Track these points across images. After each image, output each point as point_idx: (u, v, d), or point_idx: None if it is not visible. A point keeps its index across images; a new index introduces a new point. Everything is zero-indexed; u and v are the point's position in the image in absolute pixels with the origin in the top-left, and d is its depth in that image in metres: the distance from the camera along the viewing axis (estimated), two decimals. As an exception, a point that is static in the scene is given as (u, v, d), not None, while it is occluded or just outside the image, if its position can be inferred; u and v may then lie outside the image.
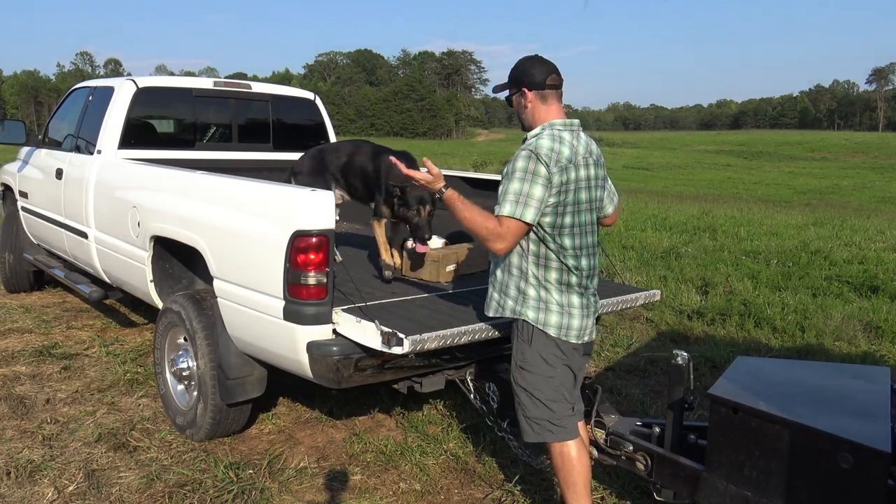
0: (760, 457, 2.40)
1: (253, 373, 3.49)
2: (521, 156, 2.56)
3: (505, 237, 2.53)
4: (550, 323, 2.63)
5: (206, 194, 3.63)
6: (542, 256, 2.63)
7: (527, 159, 2.54)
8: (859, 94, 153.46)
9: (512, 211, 2.51)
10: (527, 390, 2.69)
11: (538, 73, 2.66)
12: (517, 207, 2.51)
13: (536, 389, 2.67)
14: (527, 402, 2.70)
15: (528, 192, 2.51)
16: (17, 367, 4.69)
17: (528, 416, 2.72)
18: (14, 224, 6.29)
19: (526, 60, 2.71)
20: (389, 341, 2.76)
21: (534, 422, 2.70)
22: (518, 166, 2.55)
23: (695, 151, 67.43)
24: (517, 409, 2.76)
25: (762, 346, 5.56)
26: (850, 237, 10.87)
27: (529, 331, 2.66)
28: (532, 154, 2.54)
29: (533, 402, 2.69)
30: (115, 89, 4.89)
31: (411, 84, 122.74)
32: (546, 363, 2.66)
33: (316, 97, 5.91)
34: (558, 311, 2.64)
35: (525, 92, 2.67)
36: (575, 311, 2.66)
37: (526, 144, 2.62)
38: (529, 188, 2.51)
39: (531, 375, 2.68)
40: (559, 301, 2.64)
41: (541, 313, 2.64)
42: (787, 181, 36.42)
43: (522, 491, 3.28)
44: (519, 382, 2.71)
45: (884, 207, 22.26)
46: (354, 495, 3.25)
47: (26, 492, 3.18)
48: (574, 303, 2.66)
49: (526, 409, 2.71)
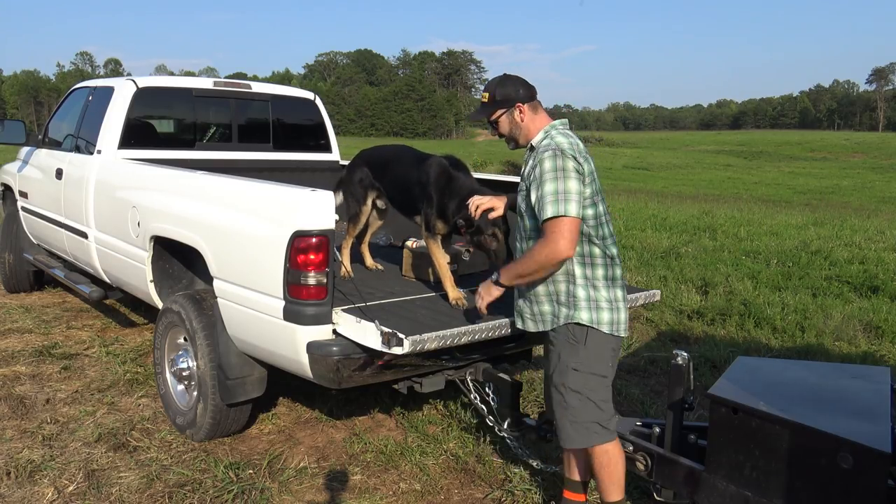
0: (760, 457, 2.40)
1: (253, 373, 3.49)
2: (546, 156, 2.56)
3: (559, 238, 2.50)
4: (603, 320, 2.63)
5: (206, 194, 3.62)
6: (586, 255, 2.64)
7: (553, 158, 2.54)
8: (859, 94, 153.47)
9: (555, 211, 2.50)
10: (580, 392, 2.64)
11: (524, 88, 2.74)
12: (559, 206, 2.50)
13: (590, 390, 2.65)
14: (577, 405, 2.65)
15: (564, 188, 2.51)
16: (17, 367, 4.69)
17: (576, 420, 2.66)
18: (14, 224, 6.29)
19: (507, 80, 2.77)
20: (389, 341, 2.76)
21: (581, 426, 2.66)
22: (546, 167, 2.54)
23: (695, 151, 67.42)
24: (561, 416, 2.70)
25: (762, 346, 5.56)
26: (850, 237, 10.86)
27: (583, 332, 2.63)
28: (556, 152, 2.55)
29: (584, 405, 2.65)
30: (115, 89, 4.89)
31: (411, 84, 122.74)
32: (601, 362, 2.65)
33: (316, 97, 5.91)
34: (608, 308, 2.65)
35: (519, 107, 2.72)
36: (621, 305, 2.69)
37: (544, 146, 2.63)
38: (564, 184, 2.52)
39: (584, 376, 2.64)
40: (607, 297, 2.65)
41: (593, 312, 2.63)
42: (787, 181, 36.42)
43: (522, 491, 3.28)
44: (570, 386, 2.65)
45: (884, 207, 22.26)
46: (354, 495, 3.25)
47: (26, 492, 3.18)
48: (619, 297, 2.69)
49: (575, 413, 2.66)
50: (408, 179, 3.63)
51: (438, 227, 3.46)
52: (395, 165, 3.79)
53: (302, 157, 5.77)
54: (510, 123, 2.75)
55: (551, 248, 2.52)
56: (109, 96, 4.88)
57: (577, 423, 2.67)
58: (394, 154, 3.90)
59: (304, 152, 5.80)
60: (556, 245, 2.50)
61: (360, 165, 3.92)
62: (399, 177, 3.73)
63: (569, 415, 2.68)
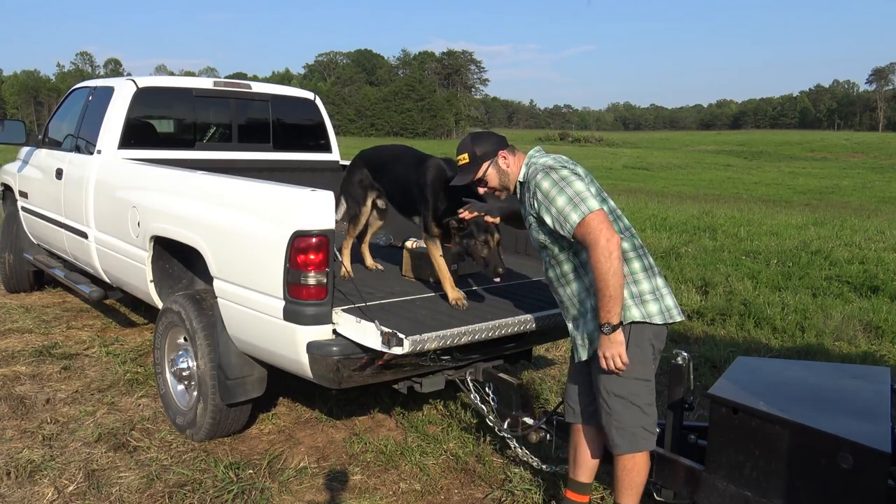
0: (760, 457, 2.40)
1: (253, 373, 3.49)
2: (539, 178, 2.61)
3: (598, 234, 2.47)
4: (653, 312, 2.61)
5: (206, 194, 3.62)
6: None
7: (546, 176, 2.61)
8: (859, 94, 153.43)
9: (579, 214, 2.51)
10: (626, 399, 2.62)
11: (496, 137, 2.84)
12: (579, 208, 2.52)
13: (634, 395, 2.63)
14: (622, 410, 2.63)
15: (573, 192, 2.54)
16: (17, 367, 4.69)
17: (621, 426, 2.64)
18: (14, 224, 6.29)
19: (478, 137, 2.85)
20: (389, 341, 2.76)
21: (628, 431, 2.64)
22: (545, 187, 2.59)
23: (695, 151, 67.40)
24: (606, 423, 2.67)
25: (762, 346, 5.56)
26: (850, 237, 10.87)
27: (626, 332, 2.59)
28: (546, 169, 2.62)
29: (628, 410, 2.63)
30: (115, 89, 4.89)
31: (411, 84, 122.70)
32: (644, 365, 2.63)
33: (316, 97, 5.91)
34: (653, 299, 2.63)
35: (502, 153, 2.78)
36: (664, 292, 2.67)
37: (530, 176, 2.68)
38: (572, 189, 2.55)
39: (627, 381, 2.62)
40: (650, 289, 2.63)
41: (641, 308, 2.61)
42: (787, 181, 36.39)
43: (522, 491, 3.28)
44: (615, 392, 2.62)
45: (884, 207, 22.24)
46: (354, 495, 3.25)
47: (26, 492, 3.18)
48: (660, 284, 2.67)
49: (620, 418, 2.63)
50: (406, 180, 3.62)
51: (435, 229, 3.46)
52: (394, 166, 3.78)
53: (302, 157, 5.78)
54: (499, 174, 2.79)
55: (601, 247, 2.47)
56: (109, 96, 4.88)
57: (624, 430, 2.64)
58: (393, 154, 3.88)
59: (304, 152, 5.80)
60: (601, 241, 2.48)
61: (359, 166, 3.92)
62: (398, 177, 3.72)
63: (614, 421, 2.65)
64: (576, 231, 2.53)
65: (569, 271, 2.71)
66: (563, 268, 2.72)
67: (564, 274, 2.73)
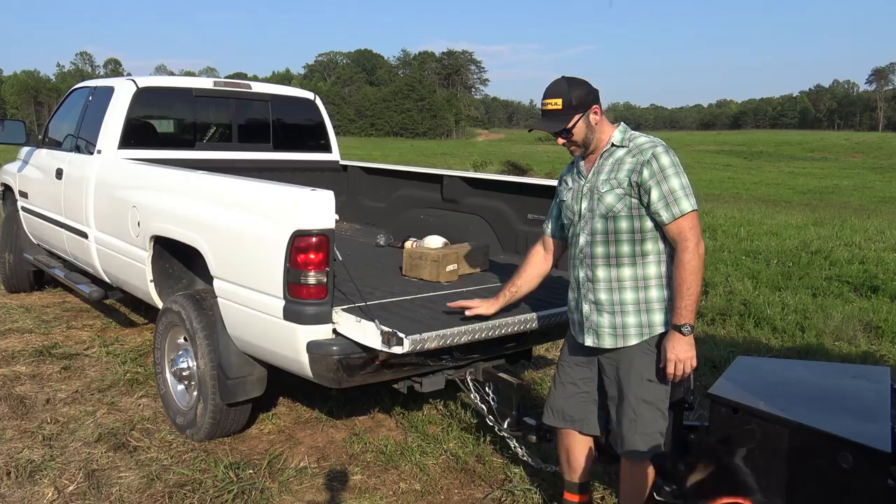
0: (760, 457, 2.40)
1: (253, 373, 3.49)
2: (660, 151, 2.49)
3: (698, 232, 2.47)
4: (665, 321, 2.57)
5: (206, 194, 3.62)
6: (664, 253, 2.57)
7: (667, 153, 2.49)
8: (859, 94, 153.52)
9: (691, 204, 2.45)
10: (653, 404, 2.56)
11: (591, 87, 2.59)
12: (690, 199, 2.46)
13: (661, 400, 2.57)
14: (648, 416, 2.56)
15: (687, 182, 2.49)
16: (17, 367, 4.69)
17: (646, 431, 2.57)
18: (14, 224, 6.28)
19: (576, 83, 2.57)
20: (389, 341, 2.76)
21: (651, 437, 2.57)
22: (665, 163, 2.47)
23: (695, 151, 67.37)
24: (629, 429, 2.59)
25: (762, 346, 5.56)
26: (850, 237, 10.86)
27: (657, 339, 2.54)
28: (666, 147, 2.52)
29: (654, 415, 2.57)
30: (115, 89, 4.89)
31: (411, 84, 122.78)
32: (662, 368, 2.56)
33: (316, 97, 5.91)
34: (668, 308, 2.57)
35: (595, 108, 2.57)
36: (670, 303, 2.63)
37: (641, 143, 2.54)
38: (686, 178, 2.49)
39: (657, 387, 2.56)
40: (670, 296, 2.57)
41: (667, 314, 2.55)
42: (787, 181, 36.39)
43: (522, 491, 3.28)
44: (644, 398, 2.56)
45: (884, 207, 22.24)
46: (354, 495, 3.25)
47: (26, 492, 3.18)
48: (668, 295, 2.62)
49: (646, 424, 2.57)
50: None
51: None
52: None
53: (302, 157, 5.78)
54: (587, 128, 2.56)
55: (696, 245, 2.45)
56: (109, 96, 4.88)
57: (647, 435, 2.57)
58: None
59: (304, 152, 5.81)
60: (698, 240, 2.46)
61: None
62: None
63: (639, 427, 2.57)
64: (680, 219, 2.44)
65: (626, 254, 2.55)
66: (620, 248, 2.55)
67: (620, 255, 2.55)
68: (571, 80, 2.57)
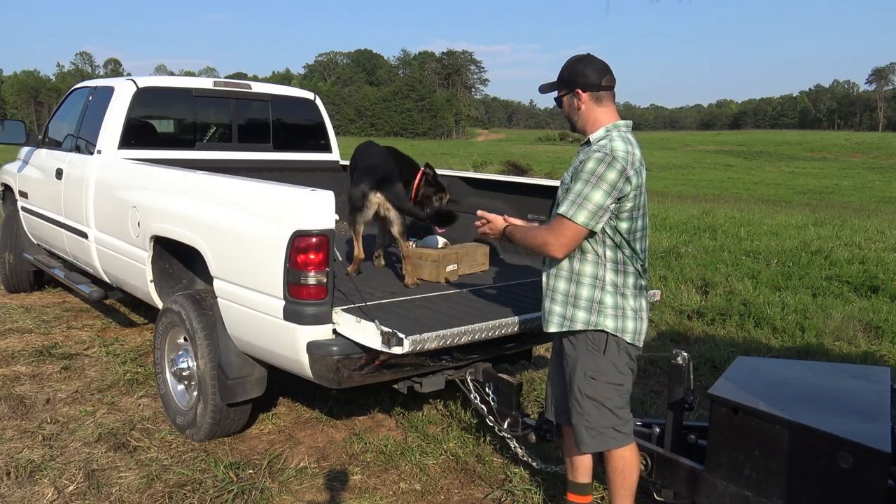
0: (760, 457, 2.40)
1: (253, 373, 3.49)
2: (594, 157, 2.46)
3: (558, 237, 2.49)
4: (627, 329, 2.57)
5: (206, 194, 3.62)
6: (620, 262, 2.56)
7: (598, 161, 2.44)
8: (859, 94, 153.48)
9: (566, 210, 2.46)
10: (595, 400, 2.61)
11: (593, 73, 2.56)
12: (573, 208, 2.45)
13: (606, 398, 2.61)
14: (592, 412, 2.62)
15: (587, 194, 2.44)
16: (17, 367, 4.69)
17: (591, 426, 2.63)
18: (14, 224, 6.29)
19: (578, 60, 2.60)
20: (389, 341, 2.76)
21: (596, 431, 2.63)
22: (588, 168, 2.46)
23: (695, 151, 67.41)
24: (577, 421, 2.67)
25: (762, 346, 5.56)
26: (850, 237, 10.86)
27: (604, 340, 2.58)
28: (607, 156, 2.44)
29: (600, 412, 2.62)
30: (115, 89, 4.89)
31: (411, 84, 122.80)
32: (619, 371, 2.61)
33: (316, 97, 5.91)
34: (633, 317, 2.58)
35: (579, 93, 2.57)
36: (644, 315, 2.63)
37: (599, 146, 2.51)
38: (590, 191, 2.44)
39: (601, 385, 2.60)
40: (633, 307, 2.59)
41: (619, 321, 2.56)
42: (787, 181, 36.42)
43: (522, 491, 3.28)
44: (587, 393, 2.62)
45: (884, 207, 22.26)
46: (354, 495, 3.25)
47: (26, 492, 3.18)
48: (643, 306, 2.63)
49: (590, 419, 2.63)
50: None
51: None
52: None
53: (302, 157, 5.78)
54: (568, 108, 2.63)
55: (547, 241, 2.53)
56: (109, 96, 4.88)
57: (593, 429, 2.64)
58: None
59: (304, 152, 5.81)
60: (552, 242, 2.51)
61: None
62: None
63: (584, 421, 2.64)
64: (560, 217, 2.48)
65: None
66: None
67: None
68: (583, 57, 2.62)
